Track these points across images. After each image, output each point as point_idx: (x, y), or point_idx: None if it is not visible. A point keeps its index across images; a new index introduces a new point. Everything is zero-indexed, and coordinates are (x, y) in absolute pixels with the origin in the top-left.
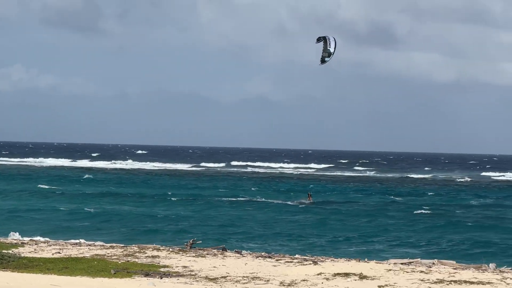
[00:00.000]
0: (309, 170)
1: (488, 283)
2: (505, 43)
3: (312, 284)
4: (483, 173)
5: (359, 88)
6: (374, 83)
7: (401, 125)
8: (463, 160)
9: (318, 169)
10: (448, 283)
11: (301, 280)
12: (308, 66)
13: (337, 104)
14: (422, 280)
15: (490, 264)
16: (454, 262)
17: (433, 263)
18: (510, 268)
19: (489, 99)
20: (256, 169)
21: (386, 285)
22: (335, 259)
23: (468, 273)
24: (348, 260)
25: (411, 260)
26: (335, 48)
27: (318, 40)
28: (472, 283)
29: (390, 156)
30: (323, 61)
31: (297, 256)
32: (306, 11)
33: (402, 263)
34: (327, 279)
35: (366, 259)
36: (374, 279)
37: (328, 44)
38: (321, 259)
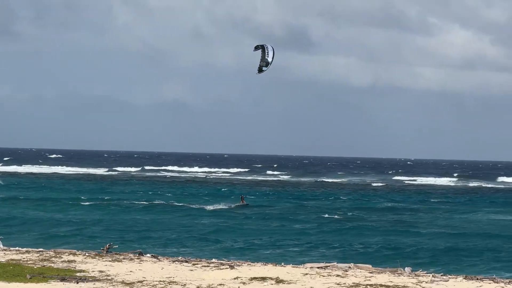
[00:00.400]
0: (225, 174)
1: (404, 287)
2: (420, 48)
3: None
4: (396, 177)
5: (275, 92)
6: (291, 87)
7: (317, 129)
8: (378, 164)
9: (233, 173)
10: (364, 286)
11: (217, 285)
12: (224, 70)
13: (253, 108)
14: (338, 284)
15: (406, 268)
16: (370, 266)
17: (349, 267)
18: (426, 271)
19: (405, 103)
20: (172, 174)
21: None
22: (251, 263)
23: (384, 277)
24: (265, 264)
25: (327, 264)
26: (273, 58)
27: (256, 48)
28: (388, 287)
29: (305, 160)
30: (260, 70)
31: (213, 260)
32: (222, 14)
33: (318, 267)
34: (244, 283)
35: (282, 263)
36: (290, 283)
37: (266, 53)
38: (238, 263)
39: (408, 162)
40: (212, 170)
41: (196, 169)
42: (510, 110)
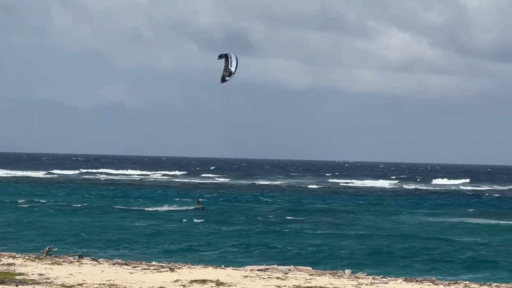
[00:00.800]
0: (163, 177)
1: None
2: (359, 50)
3: None
4: (333, 180)
5: (215, 95)
6: (230, 89)
7: (258, 132)
8: (317, 166)
9: (170, 176)
10: None
11: (158, 287)
12: (164, 73)
13: (194, 111)
14: (278, 287)
15: (346, 270)
16: (310, 268)
17: (290, 270)
18: (365, 274)
19: (344, 106)
20: (109, 176)
21: None
22: (192, 266)
23: (324, 279)
24: (205, 267)
25: (267, 267)
26: (236, 67)
27: (220, 57)
28: None
29: (243, 163)
30: (223, 80)
31: (154, 263)
32: (162, 17)
33: (258, 270)
34: (184, 286)
35: (223, 266)
36: (231, 285)
37: (229, 63)
38: (178, 266)
39: (346, 165)
40: (149, 172)
41: (132, 171)
42: (448, 112)
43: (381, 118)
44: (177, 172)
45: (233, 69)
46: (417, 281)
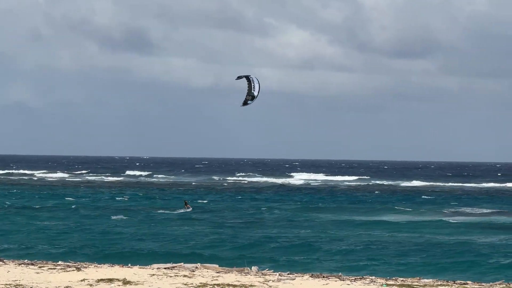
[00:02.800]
0: (63, 176)
1: (251, 285)
2: (259, 48)
3: None
4: (239, 178)
5: (119, 94)
6: (134, 89)
7: (162, 131)
8: (226, 164)
9: (72, 175)
10: (211, 286)
11: (64, 287)
12: (65, 72)
13: (97, 110)
14: (185, 284)
15: (253, 267)
16: (217, 265)
17: (196, 267)
18: (272, 270)
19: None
20: (11, 177)
21: None
22: (98, 265)
23: (231, 276)
24: (112, 266)
25: (174, 265)
26: (259, 91)
27: (239, 77)
28: (235, 286)
29: (151, 163)
30: (245, 103)
31: (60, 262)
32: (61, 16)
33: (165, 268)
34: (91, 285)
35: (129, 264)
36: (138, 284)
37: (252, 87)
38: (85, 265)
39: (249, 162)
40: (48, 173)
41: (34, 171)
42: (348, 109)
43: (284, 116)
44: (80, 172)
45: (255, 93)
46: (323, 277)
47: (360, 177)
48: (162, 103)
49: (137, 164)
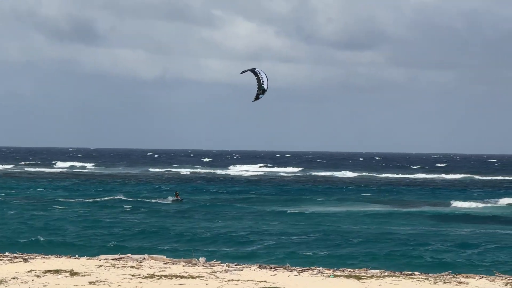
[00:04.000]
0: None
1: (198, 276)
2: (206, 40)
3: (22, 281)
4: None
5: (67, 86)
6: (82, 80)
7: (111, 122)
8: (168, 155)
9: (15, 166)
10: (158, 277)
11: (11, 278)
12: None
13: (45, 101)
14: (133, 276)
15: (200, 258)
16: (165, 257)
17: (144, 258)
18: (220, 261)
19: (194, 95)
20: None
21: (97, 281)
22: (45, 256)
23: (179, 267)
24: (59, 257)
25: (121, 256)
26: (268, 84)
27: (243, 72)
28: (182, 277)
29: (93, 153)
30: (257, 98)
31: (7, 253)
32: (7, 8)
33: (113, 259)
34: (38, 276)
35: (77, 255)
36: (85, 275)
37: (261, 81)
38: (32, 256)
39: (191, 154)
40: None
41: None
42: (296, 101)
43: (232, 107)
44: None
45: (265, 87)
46: (271, 268)
47: (301, 168)
48: (109, 94)
49: (79, 155)
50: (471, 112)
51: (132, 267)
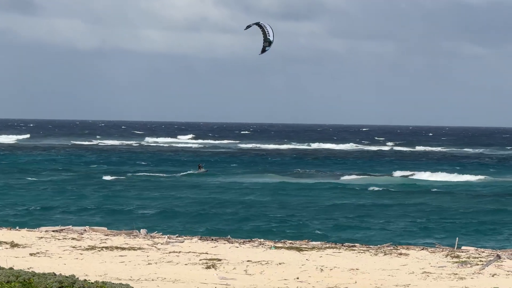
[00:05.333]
0: None
1: (140, 248)
2: (145, 10)
3: None
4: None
5: (5, 56)
6: (18, 50)
7: (49, 93)
8: (118, 127)
9: None
10: (99, 249)
11: None
12: None
13: None
14: (74, 247)
15: (142, 229)
16: (106, 228)
17: (85, 230)
18: (161, 233)
19: (133, 66)
20: None
21: (38, 253)
22: None
23: (120, 239)
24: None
25: (62, 228)
26: (273, 36)
27: (248, 27)
28: (123, 249)
29: (31, 124)
30: (263, 50)
31: None
32: None
33: (53, 231)
34: None
35: (17, 227)
36: (25, 247)
37: (267, 33)
38: None
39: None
40: None
41: None
42: (235, 72)
43: (172, 78)
44: None
45: (271, 38)
46: (212, 239)
47: (230, 141)
48: (46, 64)
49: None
50: (410, 83)
51: (73, 238)
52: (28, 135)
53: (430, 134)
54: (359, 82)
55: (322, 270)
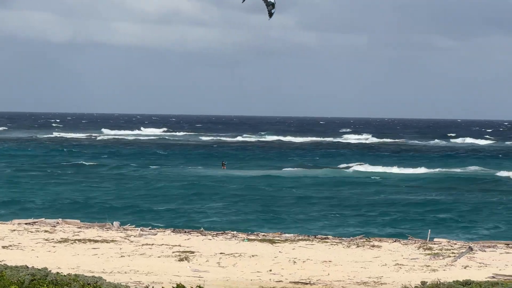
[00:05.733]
0: None
1: (113, 241)
2: (116, 3)
3: None
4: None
5: None
6: None
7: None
8: (88, 118)
9: None
10: (72, 242)
11: None
12: None
13: None
14: (46, 240)
15: (114, 222)
16: (79, 221)
17: (58, 223)
18: (134, 226)
19: (105, 58)
20: None
21: (10, 246)
22: None
23: (93, 232)
24: None
25: (35, 220)
26: None
27: None
28: (96, 241)
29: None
30: (271, 14)
31: None
32: None
33: (26, 223)
34: None
35: None
36: None
37: None
38: None
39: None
40: None
41: None
42: (207, 64)
43: (143, 71)
44: None
45: (273, 0)
46: (185, 232)
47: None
48: (18, 57)
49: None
50: (383, 75)
51: (46, 231)
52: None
53: (398, 127)
54: (331, 75)
55: (295, 262)
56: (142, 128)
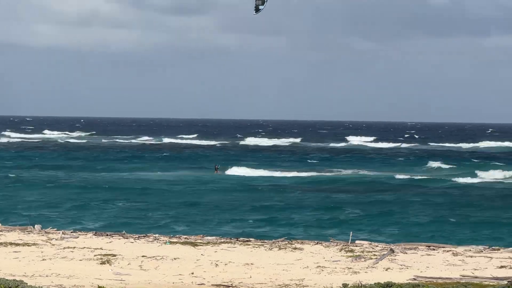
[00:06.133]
0: None
1: (34, 244)
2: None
3: None
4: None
5: None
6: None
7: None
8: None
9: None
10: None
11: None
12: None
13: None
14: None
15: (36, 225)
16: (0, 224)
17: None
18: (55, 229)
19: (24, 61)
20: None
21: None
22: None
23: (14, 235)
24: None
25: None
26: None
27: None
28: (17, 244)
29: None
30: (257, 9)
31: None
32: None
33: None
34: None
35: None
36: None
37: None
38: None
39: (28, 119)
40: None
41: None
42: (128, 66)
43: (64, 73)
44: None
45: None
46: (107, 235)
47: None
48: None
49: None
50: (305, 78)
51: None
52: None
53: (325, 131)
54: (251, 77)
55: (217, 265)
56: (46, 131)
